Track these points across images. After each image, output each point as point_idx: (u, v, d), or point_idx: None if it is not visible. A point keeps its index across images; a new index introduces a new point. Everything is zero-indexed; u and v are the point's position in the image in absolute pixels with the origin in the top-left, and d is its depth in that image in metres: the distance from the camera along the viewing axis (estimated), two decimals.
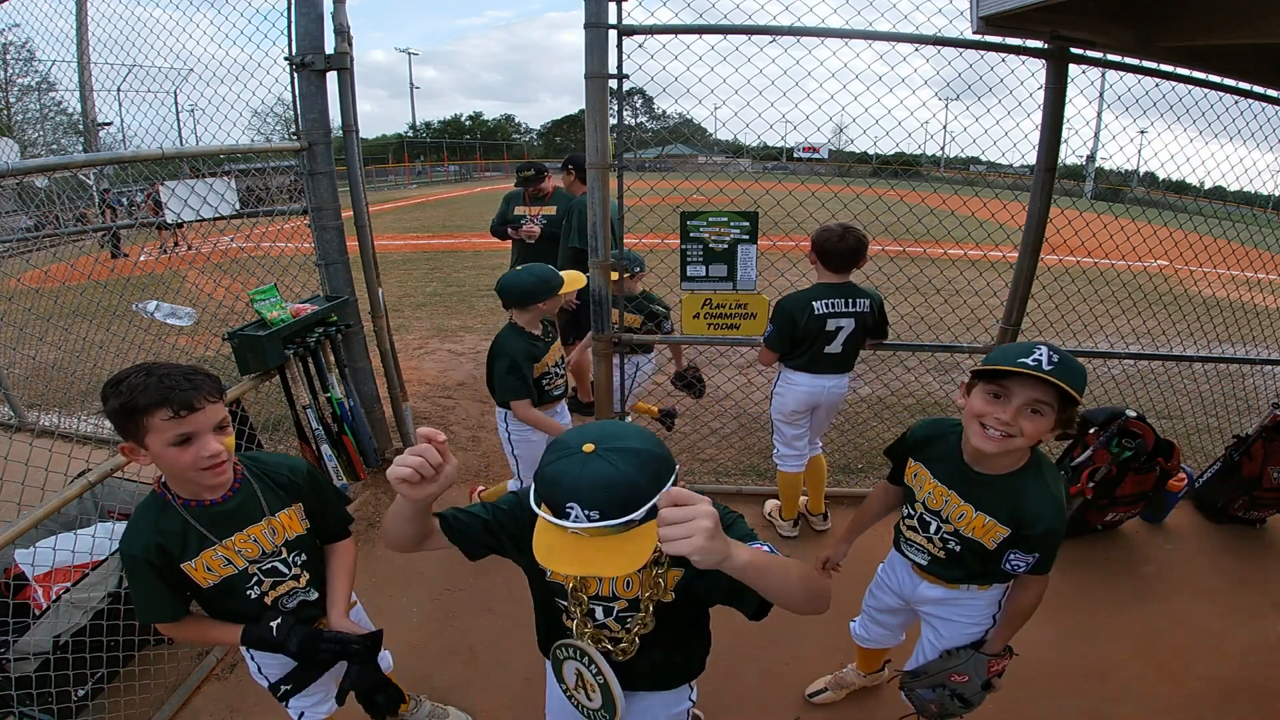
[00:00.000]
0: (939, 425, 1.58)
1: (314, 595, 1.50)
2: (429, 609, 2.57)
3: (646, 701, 1.36)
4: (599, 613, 1.22)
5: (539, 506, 0.96)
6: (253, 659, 1.57)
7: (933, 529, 1.56)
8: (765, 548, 1.02)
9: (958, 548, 1.52)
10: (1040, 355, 1.28)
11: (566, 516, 0.90)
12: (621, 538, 0.92)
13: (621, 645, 1.23)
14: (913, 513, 1.62)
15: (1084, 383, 1.27)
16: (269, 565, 1.41)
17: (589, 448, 0.93)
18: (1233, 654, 2.39)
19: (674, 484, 0.95)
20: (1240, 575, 2.84)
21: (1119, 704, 2.16)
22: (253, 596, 1.40)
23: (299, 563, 1.46)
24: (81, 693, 1.95)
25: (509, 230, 4.41)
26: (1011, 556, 1.44)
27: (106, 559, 2.11)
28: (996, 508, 1.41)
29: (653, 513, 0.91)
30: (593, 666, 1.21)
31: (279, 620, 1.39)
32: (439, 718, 2.04)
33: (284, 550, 1.43)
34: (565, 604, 1.24)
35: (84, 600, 1.98)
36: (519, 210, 4.41)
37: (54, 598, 1.96)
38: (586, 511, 0.89)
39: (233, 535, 1.35)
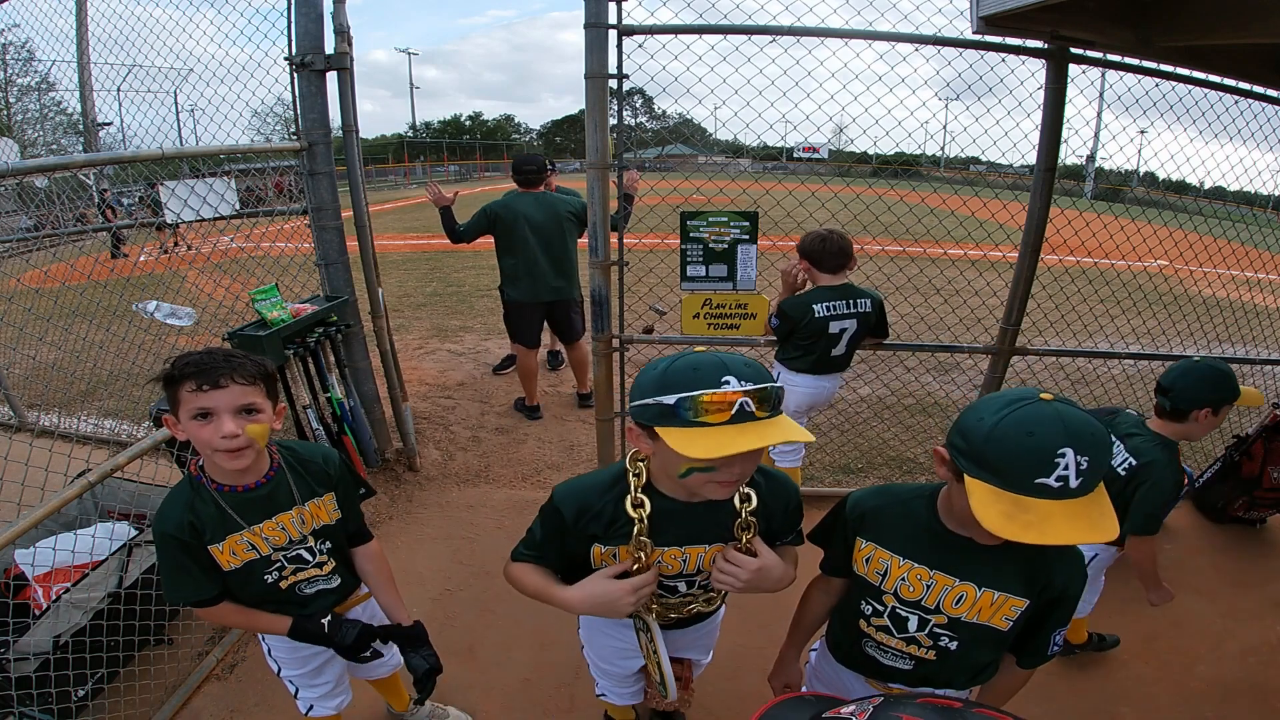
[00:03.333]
0: (890, 493, 1.26)
1: (335, 583, 1.51)
2: (429, 609, 2.57)
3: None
4: (681, 587, 1.30)
5: (672, 414, 1.00)
6: (264, 641, 1.59)
7: (914, 625, 1.20)
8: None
9: (954, 644, 1.18)
10: (1066, 467, 0.90)
11: (724, 385, 0.99)
12: (773, 420, 1.02)
13: (704, 604, 1.36)
14: (880, 609, 1.24)
15: (1109, 455, 0.97)
16: (294, 552, 1.43)
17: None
18: (1233, 654, 2.39)
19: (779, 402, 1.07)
20: (1240, 575, 2.84)
21: (1119, 704, 2.16)
22: (268, 581, 1.42)
23: (324, 550, 1.48)
24: (81, 693, 1.95)
25: None
26: (1057, 636, 1.18)
27: (106, 559, 2.11)
28: (1007, 577, 1.11)
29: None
30: (653, 644, 1.28)
31: (329, 618, 1.45)
32: (439, 718, 2.04)
33: (311, 538, 1.45)
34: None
35: (84, 600, 1.98)
36: None
37: (54, 598, 1.96)
38: (740, 382, 0.99)
39: (261, 522, 1.37)
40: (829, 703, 0.61)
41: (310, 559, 1.46)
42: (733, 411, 0.98)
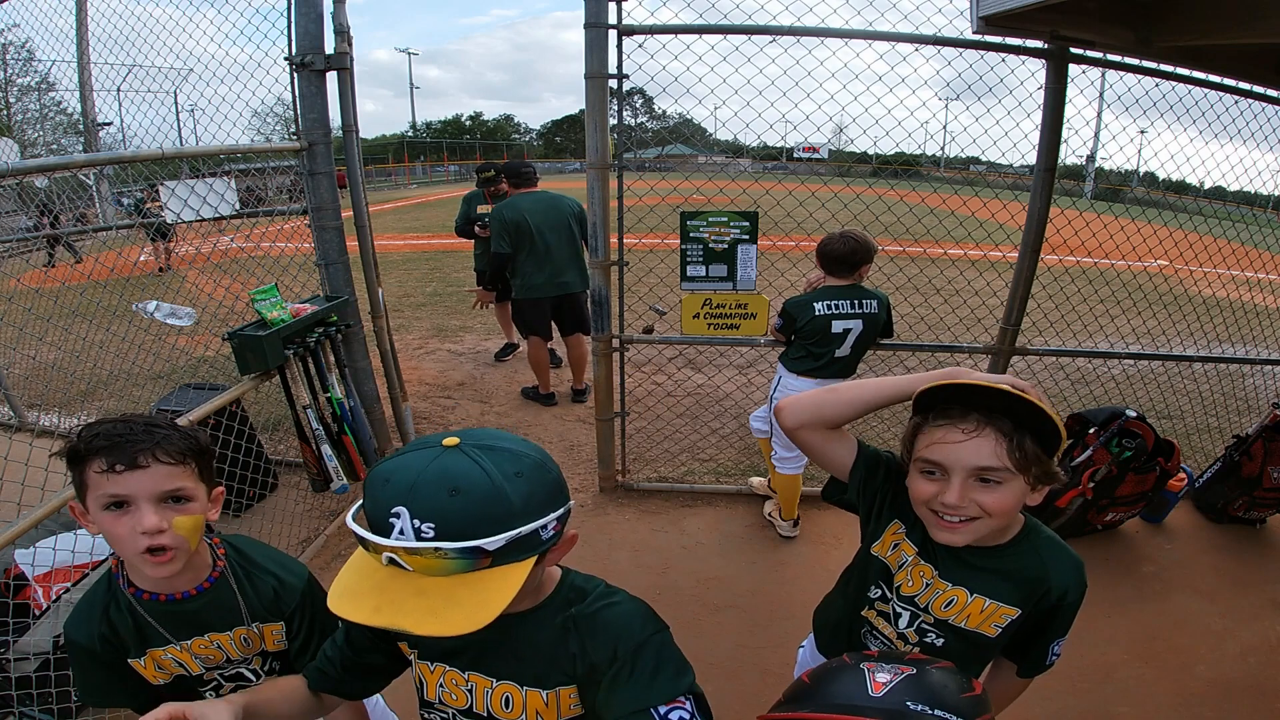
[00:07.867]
0: None
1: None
2: None
3: None
4: None
5: (356, 521, 0.71)
6: None
7: (904, 621, 1.17)
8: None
9: (940, 641, 1.16)
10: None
11: (387, 531, 0.65)
12: (459, 581, 0.66)
13: None
14: (888, 596, 1.19)
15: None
16: (234, 670, 1.16)
17: (451, 441, 0.70)
18: (1232, 654, 2.39)
19: (564, 521, 0.74)
20: (1240, 575, 2.84)
21: (1119, 704, 2.16)
22: (208, 697, 1.16)
23: (274, 670, 1.20)
24: None
25: (476, 228, 4.80)
26: (1055, 647, 1.15)
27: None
28: (999, 586, 1.10)
29: (521, 552, 0.68)
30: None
31: None
32: None
33: (255, 660, 1.16)
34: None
35: None
36: (481, 209, 4.76)
37: (54, 598, 1.96)
38: (417, 522, 0.64)
39: (192, 639, 1.08)
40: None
41: (254, 679, 1.19)
42: (383, 558, 0.68)
